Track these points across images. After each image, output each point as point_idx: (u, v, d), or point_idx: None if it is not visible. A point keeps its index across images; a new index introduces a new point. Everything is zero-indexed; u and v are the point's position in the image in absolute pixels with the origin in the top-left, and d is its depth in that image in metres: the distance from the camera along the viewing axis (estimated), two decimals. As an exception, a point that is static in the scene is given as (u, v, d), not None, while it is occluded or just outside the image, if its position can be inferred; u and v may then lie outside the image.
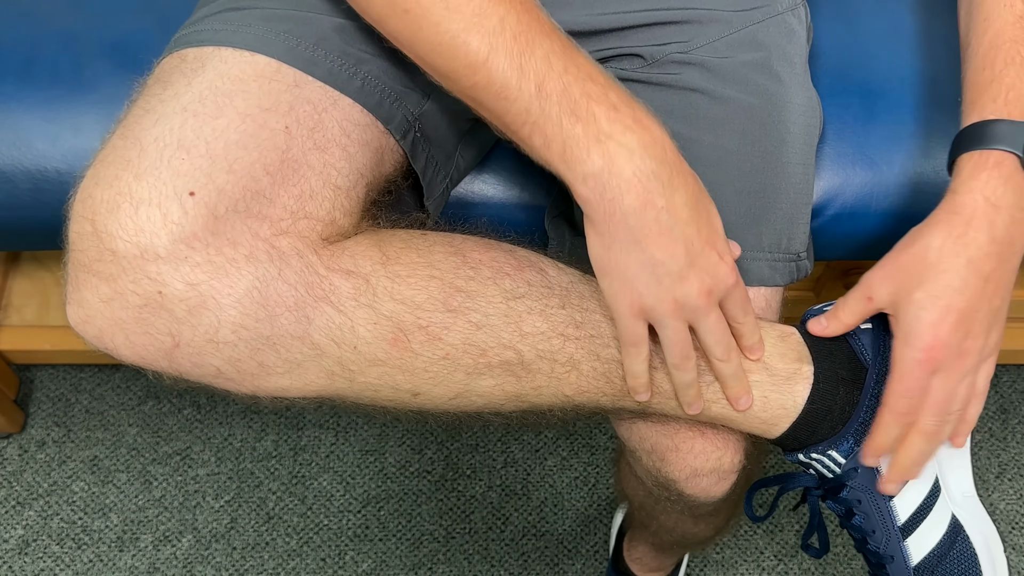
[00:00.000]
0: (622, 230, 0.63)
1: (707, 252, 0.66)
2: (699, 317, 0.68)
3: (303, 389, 0.65)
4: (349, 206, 0.66)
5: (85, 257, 0.59)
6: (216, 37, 0.68)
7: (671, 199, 0.63)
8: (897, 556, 0.79)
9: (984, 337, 0.73)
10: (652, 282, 0.65)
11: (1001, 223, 0.70)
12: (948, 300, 0.70)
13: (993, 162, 0.71)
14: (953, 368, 0.72)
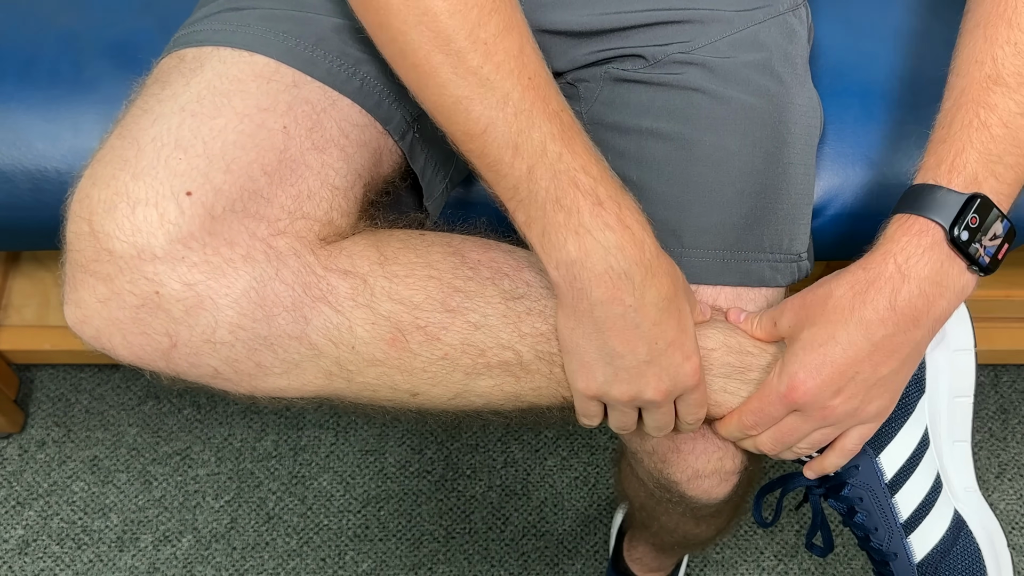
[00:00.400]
0: (587, 317, 0.64)
1: (670, 353, 0.67)
2: (649, 408, 0.71)
3: (301, 389, 0.65)
4: (347, 206, 0.66)
5: (82, 257, 0.59)
6: (215, 37, 0.68)
7: (641, 299, 0.64)
8: (900, 553, 0.79)
9: (858, 401, 0.71)
10: (609, 372, 0.67)
11: (906, 293, 0.67)
12: (828, 350, 0.69)
13: (916, 229, 0.68)
14: (810, 416, 0.71)
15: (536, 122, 0.62)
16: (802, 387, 0.69)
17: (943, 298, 0.68)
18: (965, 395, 0.80)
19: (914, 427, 0.78)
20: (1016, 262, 1.27)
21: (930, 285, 0.67)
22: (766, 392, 0.72)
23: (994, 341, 1.37)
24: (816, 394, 0.69)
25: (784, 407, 0.71)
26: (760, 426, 0.73)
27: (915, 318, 0.68)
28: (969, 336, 0.80)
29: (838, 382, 0.69)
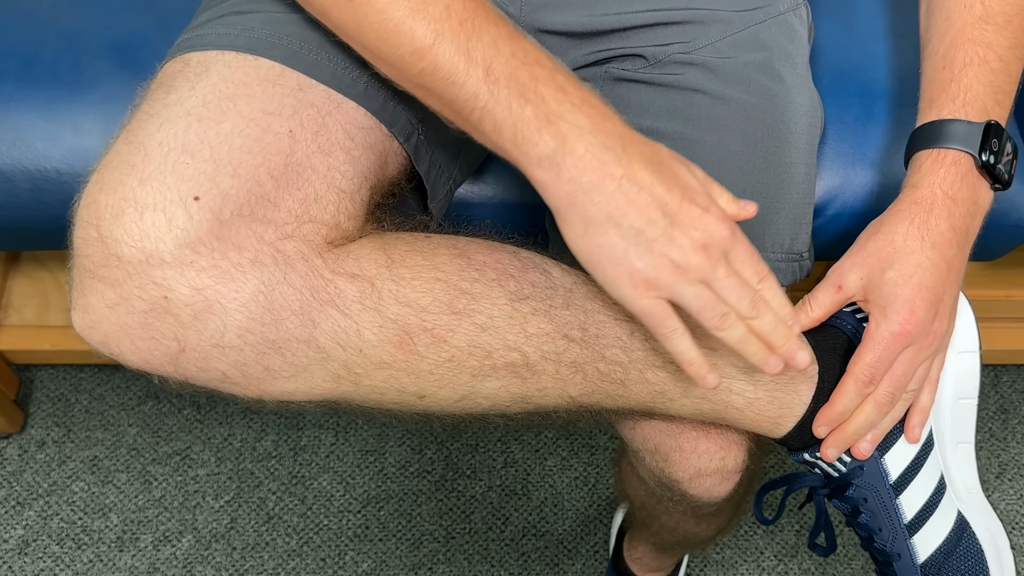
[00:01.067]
0: (592, 210, 0.62)
1: (686, 207, 0.63)
2: (706, 276, 0.64)
3: (309, 393, 0.65)
4: (353, 209, 0.66)
5: (90, 262, 0.59)
6: (219, 41, 0.68)
7: (629, 165, 0.62)
8: (904, 554, 0.79)
9: (948, 321, 0.76)
10: (643, 252, 0.62)
11: (959, 214, 0.74)
12: (919, 278, 0.73)
13: (951, 160, 0.75)
14: (921, 345, 0.74)
15: (482, 26, 0.62)
16: (912, 318, 0.73)
17: (979, 215, 0.77)
18: (969, 397, 0.80)
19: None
20: (1016, 262, 1.28)
21: (972, 205, 0.76)
22: (878, 339, 0.73)
23: (994, 341, 1.37)
24: (924, 320, 0.73)
25: (899, 345, 0.73)
26: (878, 375, 0.74)
27: (967, 234, 0.76)
28: (974, 338, 0.80)
29: (935, 305, 0.74)
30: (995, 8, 0.78)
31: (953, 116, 0.76)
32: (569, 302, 0.70)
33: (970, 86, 0.77)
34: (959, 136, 0.75)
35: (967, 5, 0.79)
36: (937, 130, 0.76)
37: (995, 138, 0.75)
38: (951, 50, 0.78)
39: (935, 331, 0.74)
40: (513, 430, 1.48)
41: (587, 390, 0.72)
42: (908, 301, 0.73)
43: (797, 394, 0.76)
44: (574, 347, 0.70)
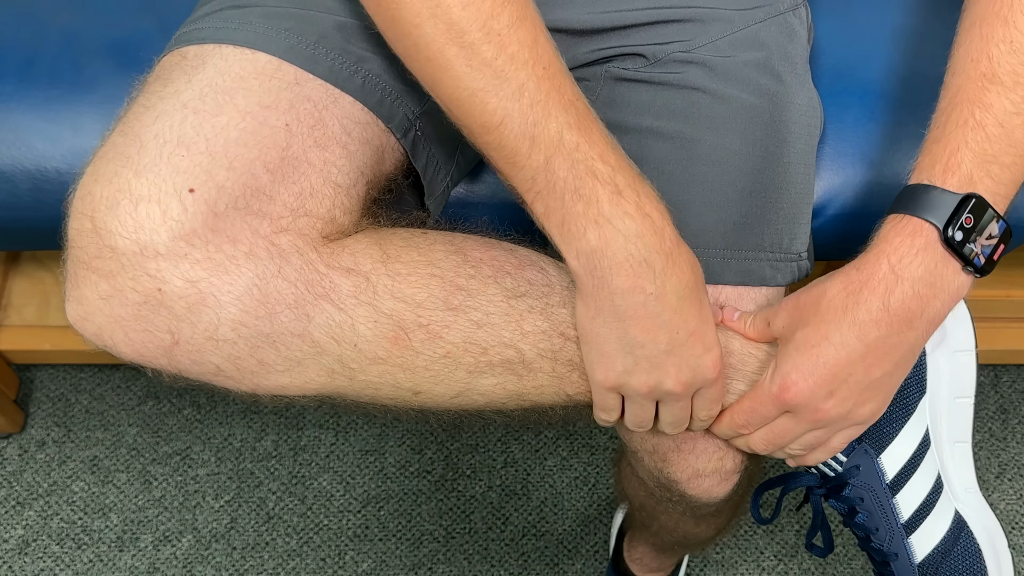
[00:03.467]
0: (608, 306, 0.64)
1: (691, 343, 0.66)
2: (668, 400, 0.70)
3: (303, 387, 0.65)
4: (349, 204, 0.66)
5: (84, 254, 0.59)
6: (217, 35, 0.68)
7: (662, 287, 0.64)
8: (901, 553, 0.79)
9: (852, 404, 0.70)
10: (629, 362, 0.66)
11: (899, 294, 0.66)
12: (821, 351, 0.68)
13: (910, 229, 0.67)
14: (803, 417, 0.71)
15: (552, 112, 0.62)
16: (794, 388, 0.69)
17: (937, 299, 0.67)
18: (966, 396, 0.80)
19: (915, 428, 0.78)
20: (1016, 262, 1.27)
21: (924, 286, 0.67)
22: (758, 393, 0.71)
23: (994, 341, 1.37)
24: (809, 396, 0.69)
25: (776, 408, 0.71)
26: (751, 426, 0.73)
27: (908, 319, 0.67)
28: (970, 337, 0.80)
29: (831, 384, 0.69)
30: (1004, 66, 0.68)
31: (929, 182, 0.67)
32: (566, 300, 0.70)
33: (956, 150, 0.67)
34: (927, 204, 0.67)
35: (973, 59, 0.69)
36: (909, 194, 0.68)
37: (971, 214, 0.66)
38: (948, 108, 0.70)
39: (826, 410, 0.70)
40: (512, 429, 1.48)
41: (583, 389, 0.72)
42: (796, 369, 0.69)
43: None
44: (570, 345, 0.70)
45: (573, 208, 0.62)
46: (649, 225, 0.63)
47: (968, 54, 0.70)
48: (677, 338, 0.66)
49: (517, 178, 0.64)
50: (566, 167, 0.62)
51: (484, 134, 0.63)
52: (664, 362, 0.66)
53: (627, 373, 0.67)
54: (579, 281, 0.65)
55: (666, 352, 0.66)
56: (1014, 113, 0.68)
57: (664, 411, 0.71)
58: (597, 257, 0.62)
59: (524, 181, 0.63)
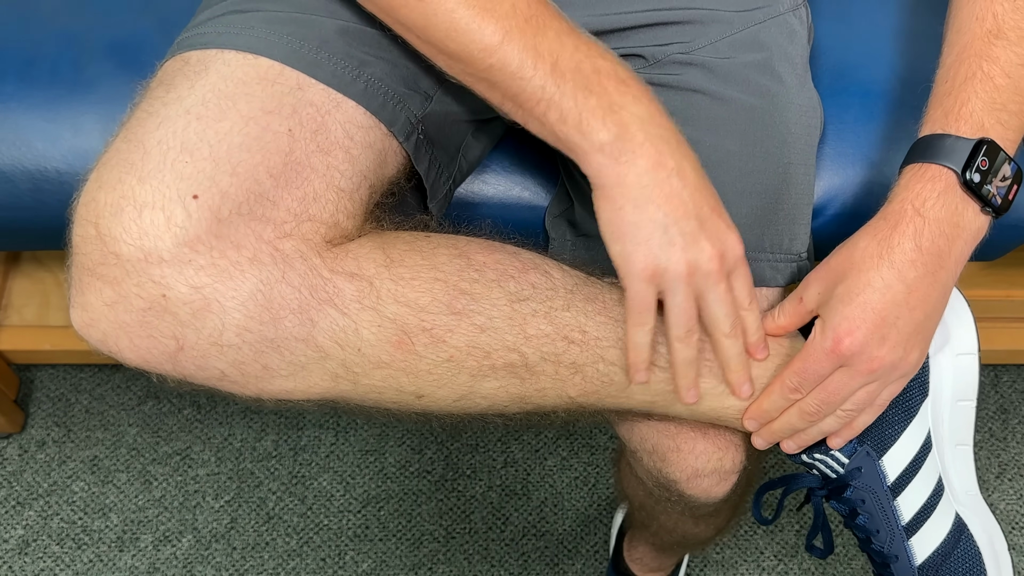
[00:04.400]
0: (635, 190, 0.65)
1: (715, 219, 0.67)
2: (709, 285, 0.68)
3: (307, 392, 0.65)
4: (352, 208, 0.66)
5: (89, 260, 0.59)
6: (219, 40, 0.68)
7: (680, 162, 0.65)
8: (901, 555, 0.79)
9: (902, 351, 0.71)
10: (665, 241, 0.65)
11: (928, 234, 0.70)
12: (867, 297, 0.69)
13: (930, 175, 0.71)
14: (858, 369, 0.71)
15: (546, 22, 0.65)
16: (849, 337, 0.69)
17: (961, 239, 0.71)
18: (968, 399, 0.80)
19: (917, 430, 0.78)
20: (1016, 262, 1.27)
21: (949, 226, 0.70)
22: (811, 351, 0.71)
23: (994, 341, 1.37)
24: (864, 343, 0.70)
25: (832, 362, 0.71)
26: (805, 386, 0.72)
27: (940, 258, 0.70)
28: (973, 340, 0.80)
29: (883, 328, 0.70)
30: (1008, 22, 0.74)
31: (942, 131, 0.72)
32: (570, 304, 0.70)
33: (967, 100, 0.72)
34: (943, 151, 0.71)
35: (978, 18, 0.75)
36: (924, 144, 0.72)
37: (986, 156, 0.70)
38: (955, 64, 0.74)
39: (880, 357, 0.70)
40: (513, 430, 1.48)
41: (586, 391, 0.72)
42: (846, 320, 0.69)
43: (795, 395, 0.76)
44: (574, 348, 0.70)
45: (587, 103, 0.64)
46: (656, 107, 0.66)
47: (972, 13, 0.75)
48: (703, 213, 0.66)
49: (526, 92, 0.65)
50: (572, 68, 0.65)
51: (487, 57, 0.64)
52: (698, 237, 0.66)
53: (664, 255, 0.65)
54: (602, 174, 0.65)
55: (697, 226, 0.66)
56: (1019, 64, 0.73)
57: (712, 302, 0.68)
58: (619, 142, 0.64)
59: (534, 92, 0.65)
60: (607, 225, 0.66)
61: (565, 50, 0.65)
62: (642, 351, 0.69)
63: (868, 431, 0.77)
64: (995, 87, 0.72)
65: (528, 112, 0.66)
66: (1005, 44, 0.73)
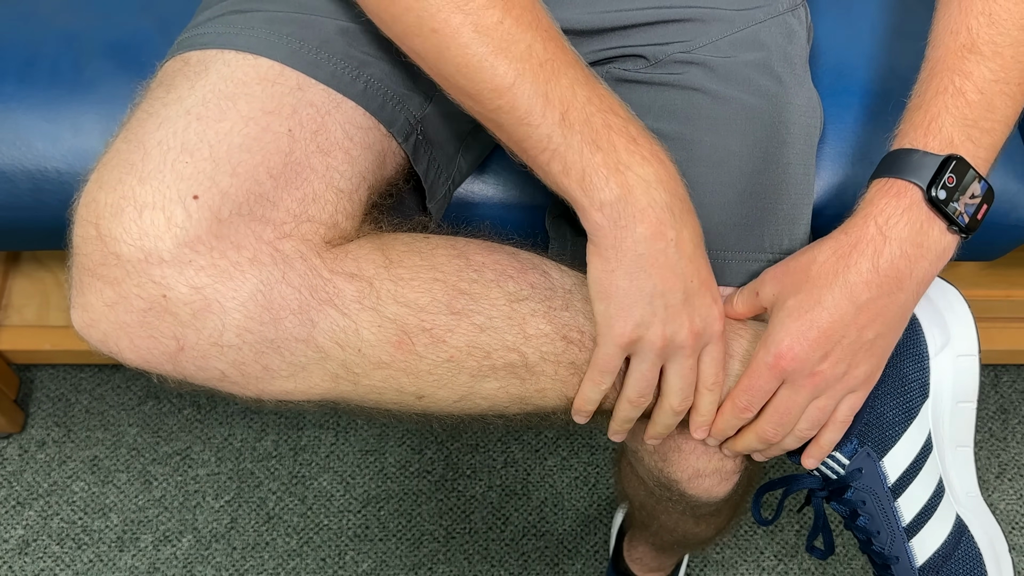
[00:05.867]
0: (630, 257, 0.64)
1: (702, 293, 0.68)
2: (677, 357, 0.69)
3: (307, 392, 0.65)
4: (351, 209, 0.66)
5: (89, 261, 0.59)
6: (219, 40, 0.68)
7: (680, 233, 0.65)
8: (902, 557, 0.79)
9: (846, 366, 0.71)
10: (648, 312, 0.66)
11: (888, 255, 0.68)
12: (814, 316, 0.69)
13: (895, 191, 0.69)
14: (801, 384, 0.71)
15: (561, 69, 0.63)
16: (789, 353, 0.69)
17: (925, 259, 0.69)
18: (968, 400, 0.80)
19: (918, 431, 0.78)
20: (1016, 262, 1.27)
21: (911, 246, 0.69)
22: (754, 367, 0.71)
23: (994, 341, 1.37)
24: (804, 359, 0.69)
25: (774, 377, 0.71)
26: (754, 404, 0.73)
27: (898, 279, 0.69)
28: (973, 341, 0.80)
29: (825, 346, 0.69)
30: (983, 37, 0.72)
31: (911, 145, 0.70)
32: (568, 303, 0.70)
33: (936, 115, 0.70)
34: (910, 166, 0.69)
35: (953, 31, 0.73)
36: (892, 158, 0.71)
37: (953, 173, 0.69)
38: (928, 78, 0.73)
39: (821, 372, 0.70)
40: (513, 430, 1.48)
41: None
42: (789, 335, 0.69)
43: (796, 396, 0.76)
44: (573, 348, 0.70)
45: (592, 160, 0.63)
46: (665, 170, 0.65)
47: (948, 26, 0.73)
48: (691, 286, 0.66)
49: (532, 139, 0.64)
50: (581, 120, 0.63)
51: (496, 98, 0.63)
52: (680, 311, 0.67)
53: (645, 325, 0.66)
54: (600, 234, 0.64)
55: (683, 301, 0.66)
56: (993, 81, 0.71)
57: (672, 373, 0.70)
58: (621, 205, 0.63)
59: (540, 140, 0.63)
60: (596, 283, 0.66)
61: (577, 100, 0.63)
62: (590, 404, 0.71)
63: (868, 432, 0.77)
64: (967, 103, 0.70)
65: (532, 160, 0.65)
66: (979, 59, 0.71)
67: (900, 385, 0.77)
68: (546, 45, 0.63)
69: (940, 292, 0.81)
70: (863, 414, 0.76)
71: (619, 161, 0.63)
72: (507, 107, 0.63)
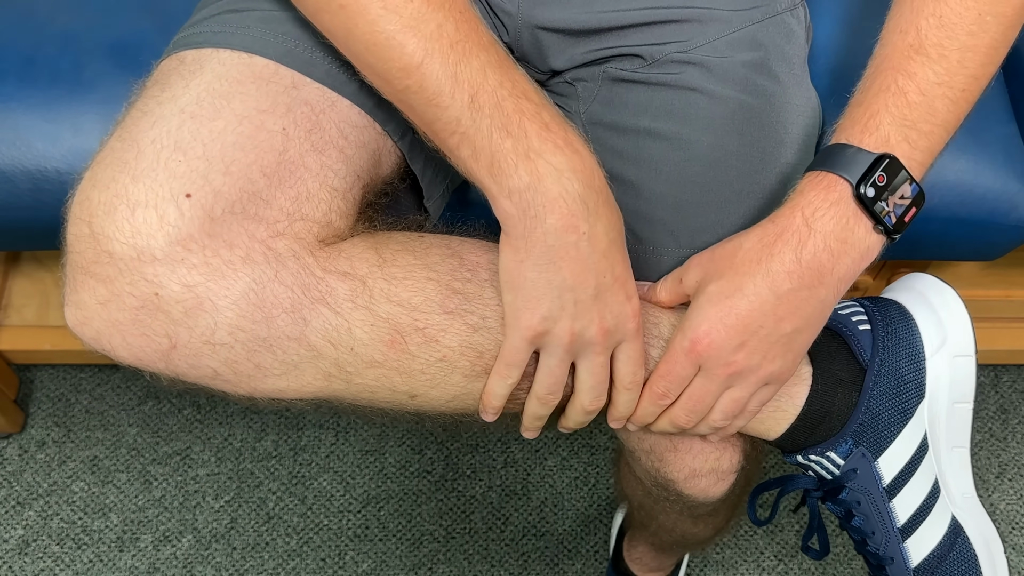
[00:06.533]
0: (539, 248, 0.62)
1: (616, 289, 0.66)
2: (587, 354, 0.68)
3: (300, 391, 0.65)
4: (345, 208, 0.66)
5: (82, 259, 0.59)
6: (214, 39, 0.68)
7: (594, 227, 0.63)
8: (897, 558, 0.79)
9: (761, 358, 0.70)
10: (557, 307, 0.64)
11: (812, 247, 0.68)
12: (733, 303, 0.68)
13: (824, 184, 0.69)
14: (714, 372, 0.70)
15: (472, 51, 0.61)
16: (706, 339, 0.68)
17: (847, 256, 0.69)
18: (965, 401, 0.80)
19: (913, 432, 0.78)
20: (1016, 262, 1.27)
21: (835, 241, 0.68)
22: (671, 352, 0.70)
23: (994, 341, 1.37)
24: (720, 346, 0.69)
25: (690, 363, 0.70)
26: (671, 391, 0.71)
27: (820, 273, 0.68)
28: (970, 342, 0.80)
29: (742, 335, 0.68)
30: (931, 38, 0.70)
31: (846, 141, 0.70)
32: None
33: (876, 113, 0.70)
34: (842, 161, 0.68)
35: (902, 31, 0.72)
36: (827, 153, 0.70)
37: (884, 172, 0.68)
38: (873, 75, 0.72)
39: (736, 362, 0.69)
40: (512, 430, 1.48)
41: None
42: (706, 321, 0.68)
43: (791, 397, 0.76)
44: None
45: (502, 145, 0.61)
46: (579, 160, 0.62)
47: (898, 25, 0.72)
48: (604, 282, 0.65)
49: (440, 121, 0.62)
50: (491, 104, 0.61)
51: (404, 77, 0.61)
52: (590, 307, 0.65)
53: (552, 319, 0.65)
54: (509, 223, 0.62)
55: (593, 296, 0.65)
56: (936, 83, 0.70)
57: (583, 370, 0.69)
58: (531, 194, 0.61)
59: (448, 123, 0.62)
60: (505, 272, 0.64)
61: (488, 83, 0.61)
62: (496, 399, 0.69)
63: (864, 432, 0.77)
64: (908, 103, 0.69)
65: (443, 143, 0.63)
66: (924, 60, 0.70)
67: (896, 385, 0.77)
68: (458, 25, 0.61)
69: (937, 292, 0.80)
70: (858, 415, 0.76)
71: (530, 148, 0.61)
72: (415, 87, 0.61)
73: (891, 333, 0.78)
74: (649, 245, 0.78)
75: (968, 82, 0.71)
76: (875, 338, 0.78)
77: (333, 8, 0.62)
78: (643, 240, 0.78)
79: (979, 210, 0.99)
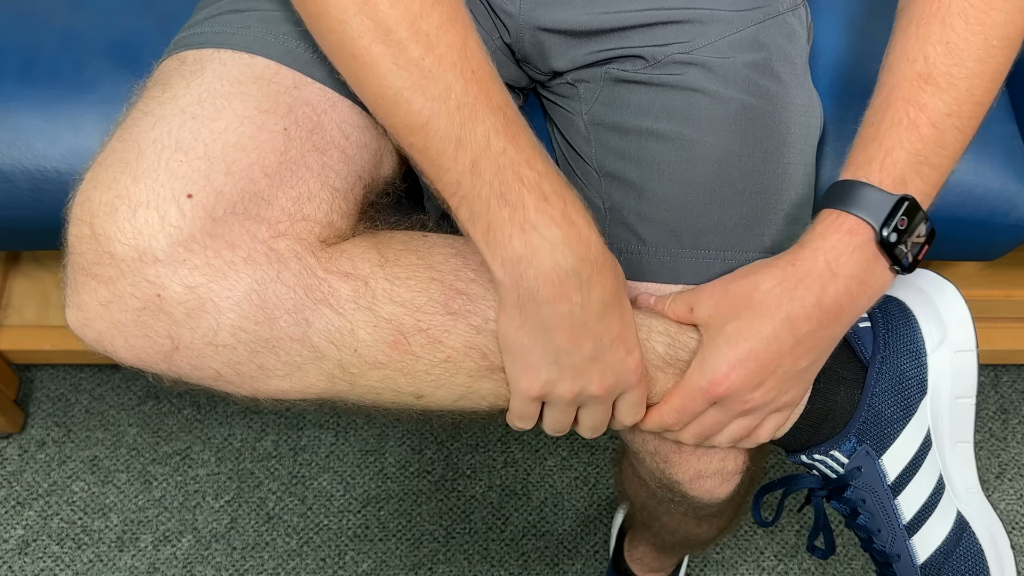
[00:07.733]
0: (533, 317, 0.63)
1: (615, 348, 0.66)
2: (591, 404, 0.69)
3: (303, 392, 0.65)
4: (347, 208, 0.66)
5: (84, 260, 0.59)
6: (215, 39, 0.68)
7: (587, 296, 0.63)
8: (903, 554, 0.79)
9: (776, 393, 0.71)
10: (554, 371, 0.65)
11: (833, 291, 0.68)
12: (753, 345, 0.68)
13: (848, 227, 0.68)
14: (730, 407, 0.71)
15: (479, 115, 0.61)
16: (726, 381, 0.69)
17: (865, 295, 0.69)
18: (967, 396, 0.80)
19: (916, 428, 0.78)
20: (1016, 262, 1.27)
21: (856, 283, 0.68)
22: (687, 388, 0.71)
23: (994, 341, 1.37)
24: (739, 387, 0.69)
25: (705, 401, 0.70)
26: (681, 423, 0.73)
27: (838, 315, 0.69)
28: (971, 337, 0.80)
29: (760, 376, 0.69)
30: (939, 67, 0.70)
31: (866, 180, 0.69)
32: None
33: (891, 149, 0.69)
34: (865, 203, 0.68)
35: (910, 58, 0.71)
36: (846, 190, 0.69)
37: (906, 216, 0.68)
38: (883, 106, 0.71)
39: (753, 399, 0.70)
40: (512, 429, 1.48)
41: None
42: (727, 363, 0.69)
43: (793, 397, 0.76)
44: None
45: (499, 214, 0.61)
46: (575, 233, 0.62)
47: (904, 53, 0.72)
48: (601, 344, 0.65)
49: (442, 181, 0.62)
50: (492, 171, 0.61)
51: (409, 135, 0.62)
52: (589, 368, 0.66)
53: (552, 382, 0.66)
54: (503, 291, 0.63)
55: (591, 359, 0.65)
56: (947, 114, 0.69)
57: (585, 416, 0.70)
58: (523, 266, 0.61)
59: (449, 185, 0.62)
60: (502, 337, 0.65)
61: (491, 150, 0.61)
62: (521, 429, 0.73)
63: (867, 430, 0.77)
64: (920, 137, 0.69)
65: (444, 201, 0.63)
66: (934, 90, 0.70)
67: (898, 382, 0.77)
68: (467, 87, 0.61)
69: (936, 288, 0.80)
70: (860, 413, 0.76)
71: (526, 219, 0.61)
72: (419, 145, 0.61)
73: (892, 330, 0.78)
74: (652, 246, 0.78)
75: (975, 110, 0.71)
76: (876, 335, 0.78)
77: (346, 58, 0.62)
78: (645, 241, 0.78)
79: (979, 210, 0.99)
